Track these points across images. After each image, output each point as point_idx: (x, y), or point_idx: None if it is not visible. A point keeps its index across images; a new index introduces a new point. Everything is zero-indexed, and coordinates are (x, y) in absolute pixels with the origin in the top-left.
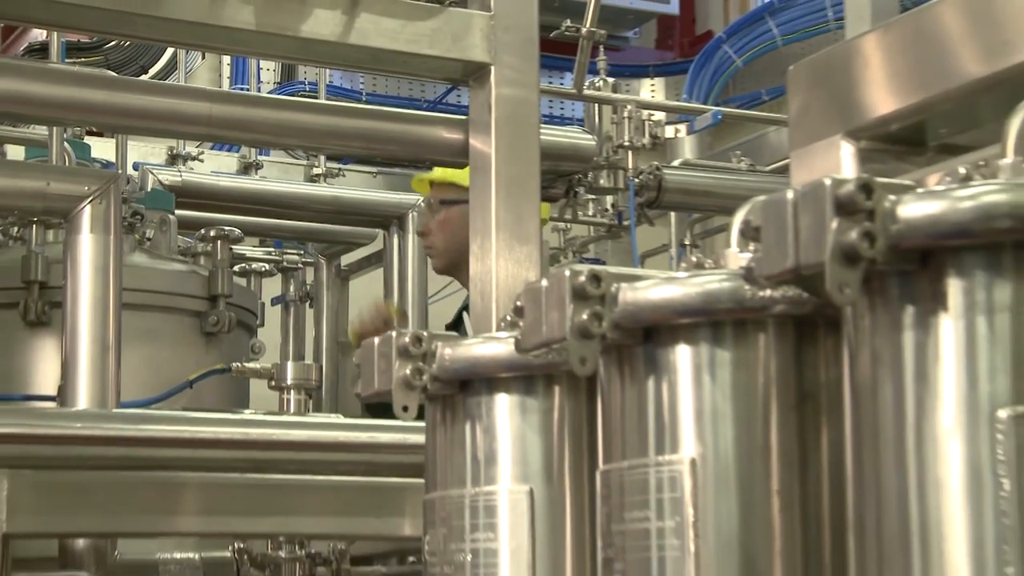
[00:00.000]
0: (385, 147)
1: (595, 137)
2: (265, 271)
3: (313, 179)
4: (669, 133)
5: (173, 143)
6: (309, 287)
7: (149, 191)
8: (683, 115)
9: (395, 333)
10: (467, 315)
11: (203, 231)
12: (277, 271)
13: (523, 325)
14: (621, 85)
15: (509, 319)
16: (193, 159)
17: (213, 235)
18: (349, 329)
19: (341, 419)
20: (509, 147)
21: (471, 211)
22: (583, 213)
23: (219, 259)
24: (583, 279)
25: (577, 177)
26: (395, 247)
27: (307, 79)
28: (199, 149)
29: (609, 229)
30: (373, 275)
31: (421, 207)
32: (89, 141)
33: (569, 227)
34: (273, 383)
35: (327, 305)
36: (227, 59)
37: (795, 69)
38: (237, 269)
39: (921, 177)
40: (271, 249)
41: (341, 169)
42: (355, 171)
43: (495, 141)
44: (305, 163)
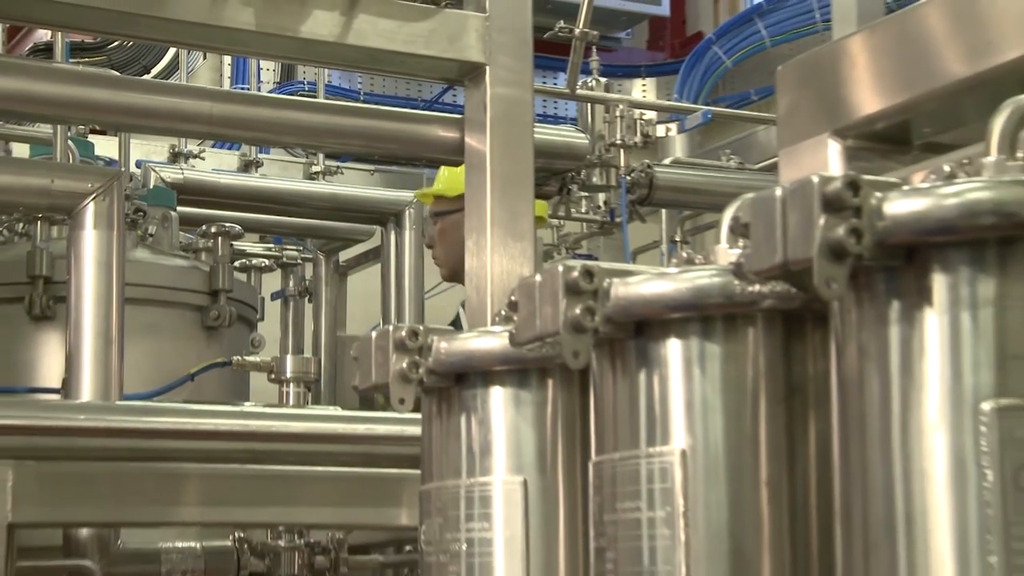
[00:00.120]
0: (383, 145)
1: (588, 136)
2: (265, 267)
3: (312, 177)
4: (660, 132)
5: (175, 141)
6: (308, 282)
7: (151, 188)
8: (674, 114)
9: (392, 327)
10: (462, 310)
11: (204, 227)
12: (277, 267)
13: (517, 319)
14: (613, 85)
15: (504, 313)
16: (194, 157)
17: (214, 231)
18: None
19: (339, 411)
20: (504, 145)
21: (467, 207)
22: (576, 210)
23: (220, 255)
24: (576, 274)
25: (570, 175)
26: (392, 243)
27: (306, 79)
28: (200, 147)
29: (601, 226)
30: (371, 271)
31: (415, 205)
32: (93, 139)
33: (562, 224)
34: (273, 376)
35: (325, 300)
36: (228, 59)
37: (783, 69)
38: (237, 265)
39: (906, 175)
40: (271, 245)
41: (339, 167)
42: (353, 169)
43: (490, 139)
44: (304, 161)
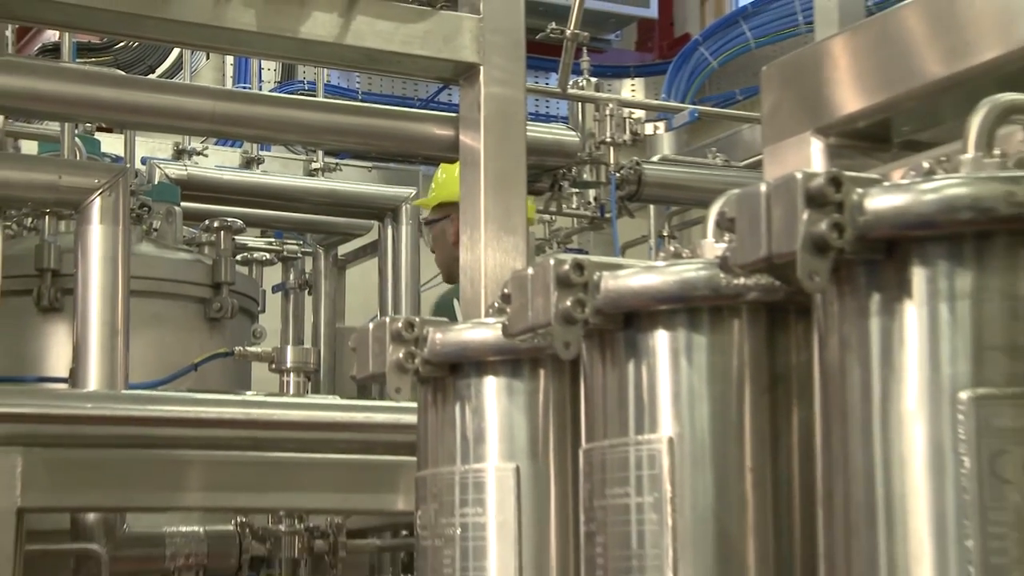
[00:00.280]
0: (380, 143)
1: (578, 134)
2: (266, 260)
3: (312, 173)
4: (648, 130)
5: (179, 139)
6: (308, 275)
7: (156, 184)
8: (662, 113)
9: (389, 318)
10: (457, 302)
11: (207, 222)
12: (277, 260)
13: (510, 311)
14: (603, 85)
15: (497, 306)
16: (198, 154)
17: (217, 226)
18: None
19: (338, 400)
20: (497, 143)
21: (461, 203)
22: (567, 206)
23: (222, 249)
24: (567, 267)
25: (561, 171)
26: (389, 237)
27: (306, 78)
28: (203, 144)
29: (592, 221)
30: (368, 264)
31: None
32: (99, 137)
33: (554, 219)
34: (273, 366)
35: (325, 292)
36: (230, 59)
37: (768, 70)
38: (239, 258)
39: (887, 172)
40: (272, 239)
41: (338, 164)
42: (351, 166)
43: (484, 137)
44: (304, 158)
